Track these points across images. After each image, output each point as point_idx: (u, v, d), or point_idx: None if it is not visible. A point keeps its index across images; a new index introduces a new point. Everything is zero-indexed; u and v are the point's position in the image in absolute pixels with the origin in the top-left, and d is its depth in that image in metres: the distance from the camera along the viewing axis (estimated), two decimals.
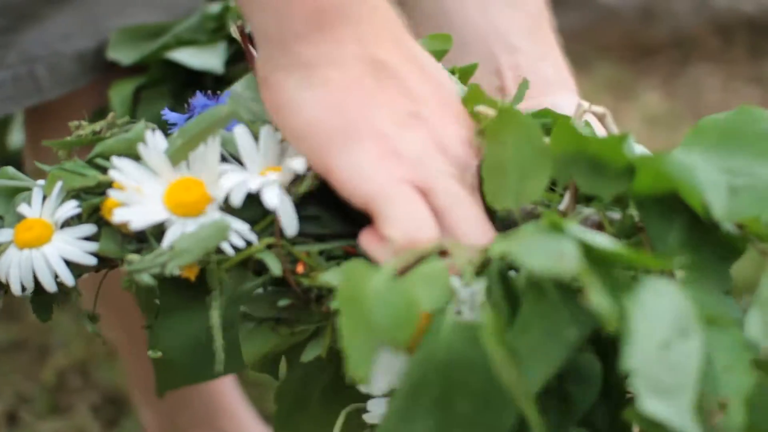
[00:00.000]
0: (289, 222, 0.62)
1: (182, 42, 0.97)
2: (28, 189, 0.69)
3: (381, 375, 0.57)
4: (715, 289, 0.56)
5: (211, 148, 0.63)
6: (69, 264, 0.65)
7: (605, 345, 0.55)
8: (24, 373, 1.58)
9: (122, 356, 1.29)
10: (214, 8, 0.99)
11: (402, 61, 0.63)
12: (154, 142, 0.64)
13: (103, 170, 0.66)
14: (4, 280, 0.65)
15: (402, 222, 0.58)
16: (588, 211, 0.62)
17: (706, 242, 0.57)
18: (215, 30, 0.98)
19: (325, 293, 0.61)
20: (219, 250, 0.61)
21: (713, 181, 0.56)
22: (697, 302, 0.51)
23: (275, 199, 0.61)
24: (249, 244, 0.62)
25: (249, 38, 0.69)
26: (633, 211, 0.61)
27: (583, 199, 0.63)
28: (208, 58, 0.95)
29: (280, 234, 0.62)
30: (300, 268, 0.62)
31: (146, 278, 0.62)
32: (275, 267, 0.61)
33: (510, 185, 0.60)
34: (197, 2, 1.02)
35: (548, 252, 0.50)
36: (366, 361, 0.52)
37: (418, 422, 0.53)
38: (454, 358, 0.53)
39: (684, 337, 0.50)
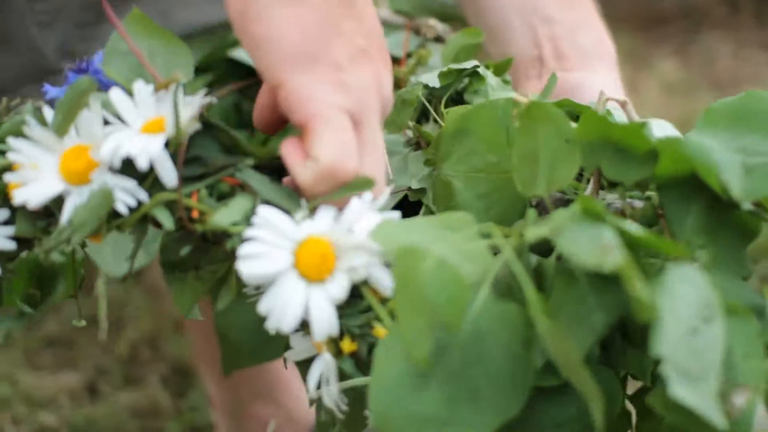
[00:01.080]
0: (168, 174, 0.62)
1: (229, 44, 0.99)
2: None
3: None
4: (734, 275, 0.57)
5: (92, 114, 0.63)
6: None
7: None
8: (100, 346, 1.61)
9: (189, 332, 1.31)
10: None
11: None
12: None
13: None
14: None
15: (332, 146, 0.60)
16: (611, 197, 0.63)
17: (722, 225, 0.58)
18: None
19: (220, 234, 0.61)
20: (117, 213, 0.61)
21: (729, 161, 0.58)
22: (718, 289, 0.52)
23: (144, 162, 0.60)
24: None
25: None
26: (653, 195, 0.62)
27: (605, 185, 0.65)
28: None
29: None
30: (195, 213, 0.62)
31: (56, 257, 0.65)
32: (167, 221, 0.61)
33: (541, 174, 0.62)
34: None
35: (592, 243, 0.51)
36: (423, 340, 0.52)
37: (428, 391, 0.53)
38: (481, 334, 0.54)
39: (709, 324, 0.50)
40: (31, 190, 0.62)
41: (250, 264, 0.57)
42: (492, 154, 0.68)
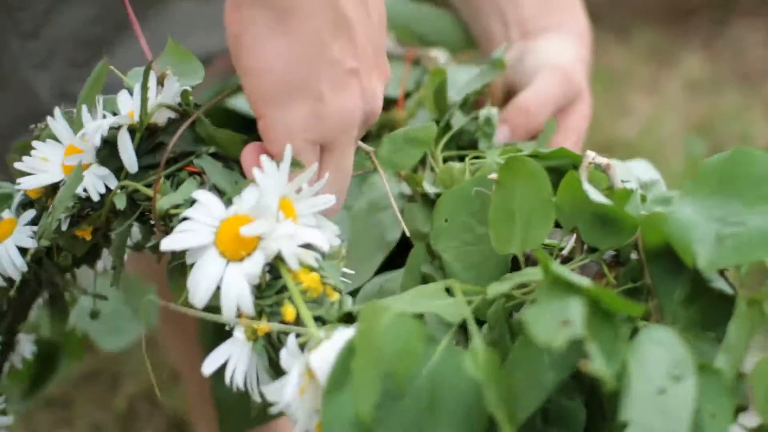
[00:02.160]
0: (128, 160, 0.68)
1: (239, 88, 1.00)
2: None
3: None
4: (714, 341, 0.58)
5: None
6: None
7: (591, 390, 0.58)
8: (97, 403, 1.62)
9: (185, 389, 1.33)
10: None
11: (356, 6, 0.68)
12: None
13: None
14: None
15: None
16: (590, 258, 0.64)
17: (709, 298, 0.60)
18: None
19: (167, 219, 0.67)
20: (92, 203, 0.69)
21: (704, 232, 0.58)
22: (693, 350, 0.54)
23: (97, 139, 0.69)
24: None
25: None
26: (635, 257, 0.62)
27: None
28: None
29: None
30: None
31: (43, 242, 0.71)
32: (120, 203, 0.68)
33: (516, 232, 0.63)
34: None
35: (553, 317, 0.52)
36: (372, 394, 0.53)
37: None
38: (437, 383, 0.56)
39: (679, 382, 0.52)
40: (35, 180, 0.72)
41: (172, 238, 0.62)
42: (482, 227, 0.69)
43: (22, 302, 0.81)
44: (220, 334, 0.75)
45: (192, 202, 0.64)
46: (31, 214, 0.75)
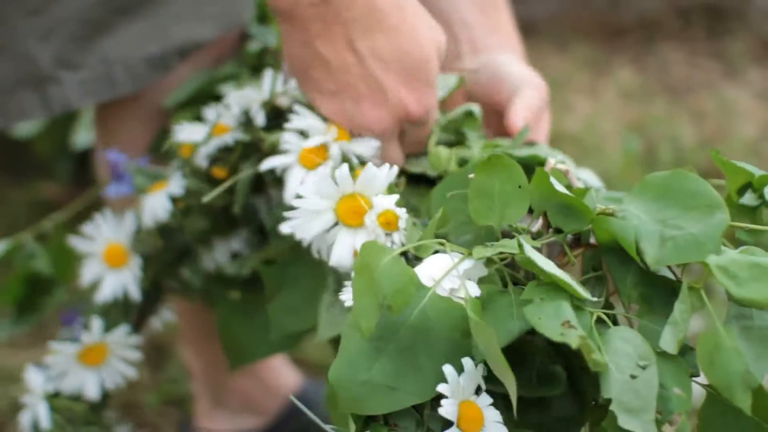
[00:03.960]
0: (258, 118, 0.90)
1: (228, 77, 1.05)
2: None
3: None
4: (664, 319, 0.65)
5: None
6: None
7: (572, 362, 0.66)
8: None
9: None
10: (255, 47, 1.08)
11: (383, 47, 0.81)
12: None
13: None
14: None
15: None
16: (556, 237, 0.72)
17: (654, 281, 0.68)
18: (255, 67, 1.07)
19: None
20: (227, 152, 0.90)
21: (650, 231, 0.66)
22: (650, 336, 0.64)
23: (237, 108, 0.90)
24: None
25: None
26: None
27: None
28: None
29: None
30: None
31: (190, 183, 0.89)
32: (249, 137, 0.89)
33: (495, 209, 0.71)
34: (243, 17, 1.11)
35: (555, 319, 0.61)
36: (370, 316, 0.62)
37: (380, 363, 0.64)
38: (428, 321, 0.64)
39: (645, 370, 0.61)
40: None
41: (269, 160, 0.83)
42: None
43: (166, 249, 0.94)
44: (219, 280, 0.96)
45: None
46: (182, 172, 0.91)
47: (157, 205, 0.91)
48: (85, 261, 0.97)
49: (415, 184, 0.87)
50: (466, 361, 0.63)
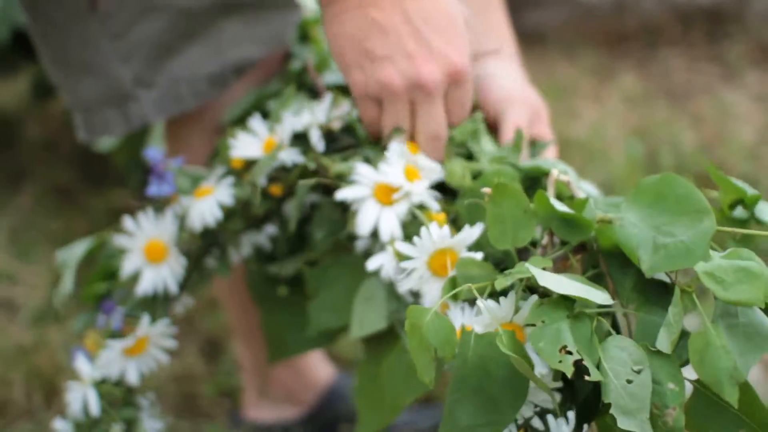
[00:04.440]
0: (316, 143, 0.95)
1: (273, 94, 1.13)
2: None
3: None
4: (660, 318, 0.71)
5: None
6: None
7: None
8: None
9: (227, 307, 1.43)
10: (296, 66, 1.16)
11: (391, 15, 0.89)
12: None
13: None
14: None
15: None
16: (563, 250, 0.78)
17: (651, 283, 0.73)
18: (298, 85, 1.14)
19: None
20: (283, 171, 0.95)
21: (645, 237, 0.71)
22: (647, 328, 0.70)
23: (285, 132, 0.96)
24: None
25: None
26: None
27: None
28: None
29: None
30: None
31: (239, 193, 0.95)
32: (311, 165, 0.94)
33: (508, 234, 0.77)
34: (287, 37, 1.19)
35: (553, 345, 0.68)
36: (429, 369, 0.69)
37: (463, 406, 0.70)
38: (482, 358, 0.70)
39: (639, 374, 0.67)
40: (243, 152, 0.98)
41: (347, 191, 0.88)
42: None
43: (202, 247, 1.00)
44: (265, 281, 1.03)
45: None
46: (230, 179, 0.97)
47: (206, 211, 0.96)
48: (126, 255, 1.01)
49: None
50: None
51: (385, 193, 0.87)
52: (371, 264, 0.85)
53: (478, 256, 0.79)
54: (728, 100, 2.28)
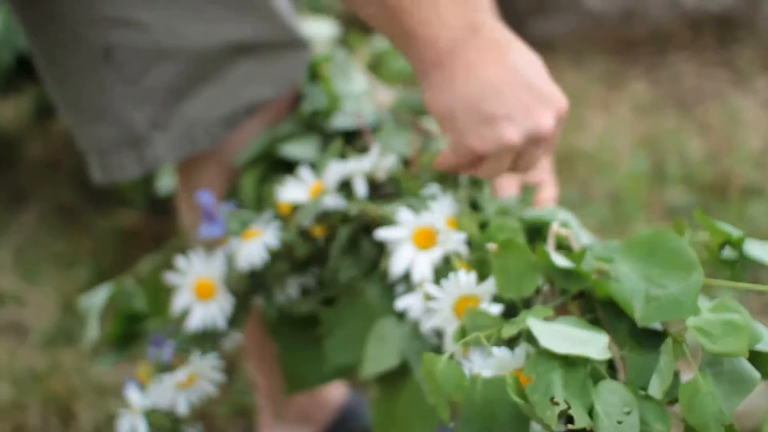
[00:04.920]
0: (360, 189, 1.06)
1: (285, 137, 1.23)
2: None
3: None
4: (653, 361, 0.81)
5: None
6: None
7: None
8: None
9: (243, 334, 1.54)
10: (307, 109, 1.25)
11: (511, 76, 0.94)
12: None
13: None
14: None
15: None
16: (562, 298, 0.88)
17: (644, 330, 0.83)
18: (309, 126, 1.25)
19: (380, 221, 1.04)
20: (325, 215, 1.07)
21: (637, 290, 0.82)
22: (640, 370, 0.80)
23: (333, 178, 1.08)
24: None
25: None
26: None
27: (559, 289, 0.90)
28: (306, 150, 1.22)
29: None
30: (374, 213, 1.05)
31: (285, 236, 1.06)
32: (354, 210, 1.05)
33: (513, 285, 0.89)
34: (298, 78, 1.28)
35: (545, 396, 0.77)
36: (444, 409, 0.80)
37: None
38: (488, 401, 0.80)
39: (628, 415, 0.77)
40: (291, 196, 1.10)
41: (385, 231, 0.98)
42: None
43: (249, 287, 1.11)
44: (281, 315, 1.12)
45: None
46: (277, 223, 1.08)
47: (253, 253, 1.06)
48: (177, 292, 1.12)
49: None
50: None
51: (424, 237, 0.97)
52: (401, 304, 0.96)
53: (495, 309, 0.89)
54: (737, 106, 2.36)
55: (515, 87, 0.93)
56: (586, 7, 2.59)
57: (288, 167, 1.22)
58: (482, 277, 0.93)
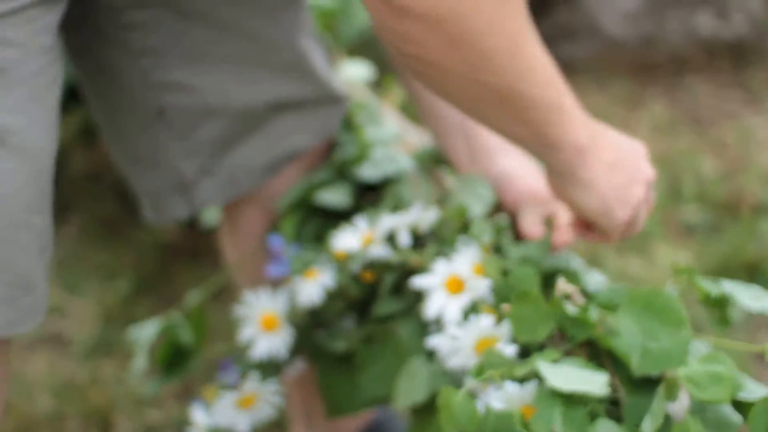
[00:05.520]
0: (403, 240, 1.21)
1: (320, 184, 1.38)
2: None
3: None
4: (647, 401, 0.93)
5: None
6: None
7: None
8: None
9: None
10: (339, 158, 1.40)
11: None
12: None
13: None
14: None
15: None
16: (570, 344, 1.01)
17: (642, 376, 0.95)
18: (341, 174, 1.39)
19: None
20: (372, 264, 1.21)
21: (635, 344, 0.94)
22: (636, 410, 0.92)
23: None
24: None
25: None
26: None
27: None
28: (338, 198, 1.36)
29: None
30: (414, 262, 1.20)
31: (341, 278, 1.24)
32: (397, 259, 1.21)
33: (528, 330, 1.01)
34: (334, 127, 1.42)
35: (546, 427, 0.89)
36: None
37: None
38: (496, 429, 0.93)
39: None
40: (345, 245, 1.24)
41: (422, 279, 1.12)
42: None
43: (310, 322, 1.26)
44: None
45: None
46: (333, 266, 1.23)
47: (313, 293, 1.22)
48: (243, 324, 1.28)
49: None
50: None
51: (454, 284, 1.11)
52: (430, 342, 1.09)
53: (510, 349, 1.02)
54: (751, 125, 2.48)
55: (630, 171, 1.15)
56: (607, 32, 2.70)
57: (324, 210, 1.36)
58: (503, 317, 1.06)
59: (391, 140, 1.42)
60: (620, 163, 1.13)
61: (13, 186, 1.05)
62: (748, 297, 1.04)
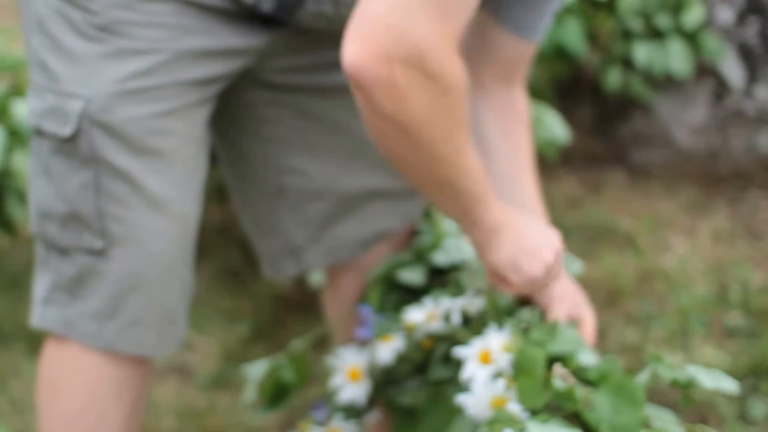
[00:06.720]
0: (457, 320, 1.56)
1: (401, 264, 1.74)
2: None
3: None
4: None
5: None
6: None
7: None
8: None
9: None
10: (418, 244, 1.76)
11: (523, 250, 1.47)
12: None
13: None
14: None
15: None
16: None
17: None
18: (418, 257, 1.74)
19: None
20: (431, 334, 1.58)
21: (604, 418, 1.31)
22: None
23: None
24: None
25: None
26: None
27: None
28: (416, 276, 1.73)
29: None
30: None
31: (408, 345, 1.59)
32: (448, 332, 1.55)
33: (528, 397, 1.39)
34: (417, 214, 1.77)
35: None
36: None
37: None
38: None
39: None
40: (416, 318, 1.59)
41: (458, 350, 1.43)
42: None
43: (385, 378, 1.61)
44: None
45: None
46: (403, 334, 1.55)
47: (387, 354, 1.56)
48: (335, 372, 1.62)
49: None
50: None
51: (485, 356, 1.45)
52: (460, 399, 1.44)
53: (516, 407, 1.40)
54: None
55: (536, 239, 1.44)
56: (678, 143, 2.93)
57: (403, 286, 1.72)
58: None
59: (460, 233, 1.74)
60: (526, 240, 1.41)
61: (170, 242, 1.46)
62: (708, 379, 1.39)
